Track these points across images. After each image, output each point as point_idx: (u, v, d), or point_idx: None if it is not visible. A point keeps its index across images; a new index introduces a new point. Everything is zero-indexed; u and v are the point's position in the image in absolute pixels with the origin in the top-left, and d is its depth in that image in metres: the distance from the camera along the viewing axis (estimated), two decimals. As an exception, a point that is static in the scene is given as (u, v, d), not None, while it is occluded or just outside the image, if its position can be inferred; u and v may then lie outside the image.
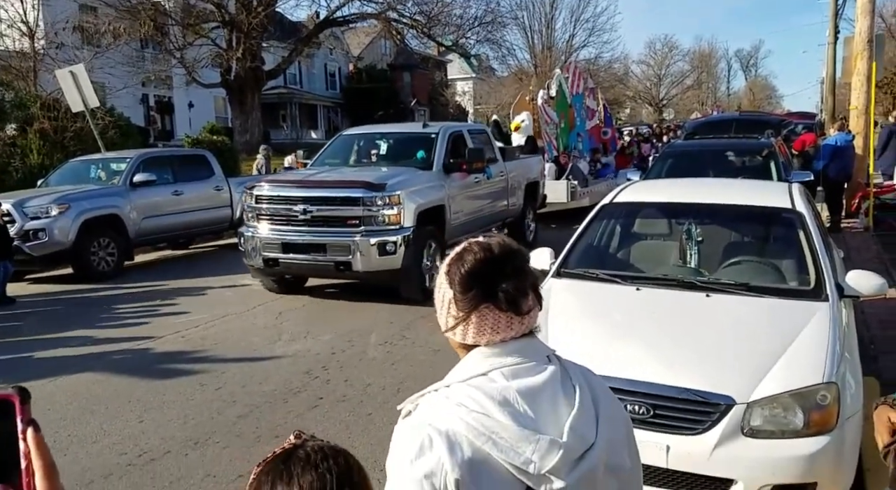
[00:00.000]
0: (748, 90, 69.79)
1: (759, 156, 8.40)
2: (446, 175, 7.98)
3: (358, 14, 20.55)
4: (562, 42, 38.50)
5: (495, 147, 9.75)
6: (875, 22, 11.25)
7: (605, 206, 4.66)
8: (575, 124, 15.45)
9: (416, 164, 7.96)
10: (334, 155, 9.00)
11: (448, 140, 8.31)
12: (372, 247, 6.83)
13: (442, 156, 8.05)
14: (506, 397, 1.18)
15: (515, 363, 1.22)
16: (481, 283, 1.23)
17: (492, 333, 1.23)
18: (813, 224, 4.01)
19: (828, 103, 23.95)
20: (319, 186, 7.29)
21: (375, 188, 6.91)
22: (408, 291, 7.17)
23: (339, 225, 7.01)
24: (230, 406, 4.68)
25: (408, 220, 7.01)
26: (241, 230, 7.59)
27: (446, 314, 1.27)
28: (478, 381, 1.20)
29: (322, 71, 38.67)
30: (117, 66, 17.72)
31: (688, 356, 3.12)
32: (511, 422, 1.15)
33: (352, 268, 6.91)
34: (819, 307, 3.43)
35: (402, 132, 9.31)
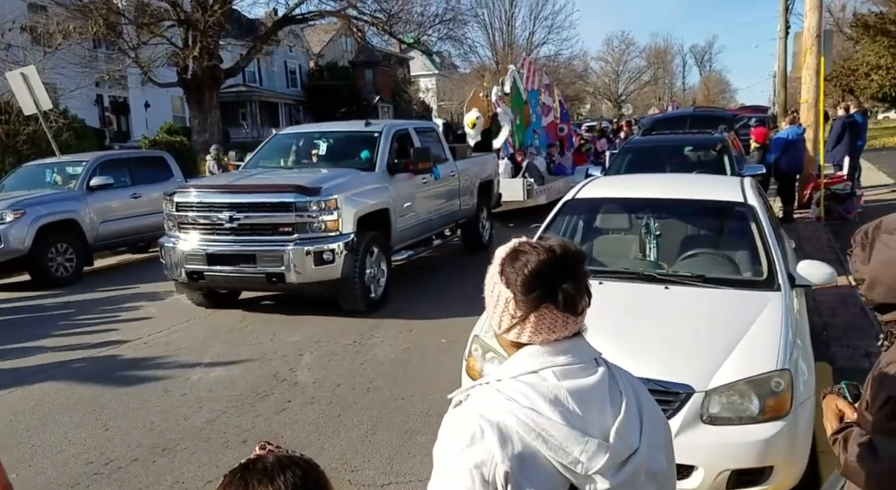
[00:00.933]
0: (703, 85, 71.32)
1: (713, 150, 8.63)
2: (391, 176, 7.46)
3: (317, 12, 20.38)
4: (522, 39, 38.87)
5: (445, 146, 9.32)
6: (823, 17, 11.61)
7: (567, 201, 4.75)
8: (531, 121, 15.30)
9: (359, 166, 7.46)
10: (269, 156, 8.42)
11: (392, 139, 7.84)
12: (307, 256, 6.31)
13: (386, 156, 7.56)
14: (557, 396, 1.21)
15: (566, 363, 1.25)
16: (544, 284, 1.25)
17: (548, 333, 1.26)
18: (764, 216, 4.16)
19: (780, 97, 24.64)
20: (247, 191, 6.69)
21: (309, 192, 6.38)
22: (349, 303, 6.71)
23: (270, 233, 6.48)
24: (197, 411, 4.65)
25: (347, 226, 6.51)
26: (162, 241, 6.97)
27: (501, 314, 1.29)
28: (529, 378, 1.24)
29: (282, 68, 38.21)
30: (69, 67, 17.25)
31: (649, 347, 3.22)
32: (561, 421, 1.19)
33: (285, 279, 6.37)
34: (772, 297, 3.57)
35: (343, 131, 8.77)
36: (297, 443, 4.07)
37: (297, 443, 4.07)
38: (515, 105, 14.30)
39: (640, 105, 55.22)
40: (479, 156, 10.90)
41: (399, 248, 7.80)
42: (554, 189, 12.97)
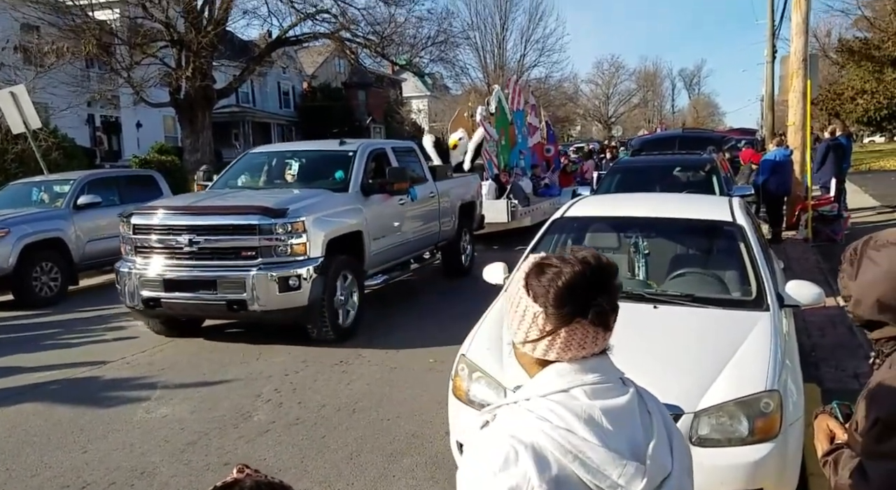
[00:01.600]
0: (692, 108, 72.22)
1: (702, 171, 8.68)
2: (365, 197, 7.12)
3: (311, 34, 20.48)
4: (513, 61, 39.27)
5: (424, 166, 9.04)
6: (809, 42, 11.78)
7: (556, 220, 4.74)
8: (516, 141, 15.09)
9: (332, 186, 7.13)
10: (239, 176, 8.03)
11: (367, 159, 7.52)
12: (271, 281, 5.93)
13: (360, 176, 7.23)
14: (591, 416, 1.16)
15: (596, 381, 1.20)
16: (577, 298, 1.19)
17: (577, 349, 1.21)
18: (753, 236, 4.15)
19: (767, 119, 24.91)
20: (208, 213, 6.30)
21: (275, 214, 6.02)
22: (318, 332, 6.33)
23: (232, 257, 6.09)
24: (178, 433, 4.55)
25: (315, 250, 6.15)
26: (118, 266, 6.57)
27: (527, 329, 1.22)
28: (559, 397, 1.18)
29: (275, 89, 38.36)
30: (61, 86, 17.23)
31: (637, 367, 3.14)
32: (598, 442, 1.14)
33: (247, 306, 5.96)
34: (761, 317, 3.55)
35: (316, 150, 8.48)
36: (281, 465, 3.98)
37: (280, 465, 3.98)
38: (500, 125, 14.15)
39: (630, 127, 55.82)
40: (460, 176, 10.71)
41: (374, 272, 7.42)
42: (539, 211, 12.84)
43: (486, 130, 13.28)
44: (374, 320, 7.22)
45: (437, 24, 22.13)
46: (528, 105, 16.57)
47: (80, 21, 16.51)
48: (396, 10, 20.20)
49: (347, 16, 19.39)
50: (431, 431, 4.40)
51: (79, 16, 16.55)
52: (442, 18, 23.02)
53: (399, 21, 20.45)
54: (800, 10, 11.49)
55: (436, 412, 4.58)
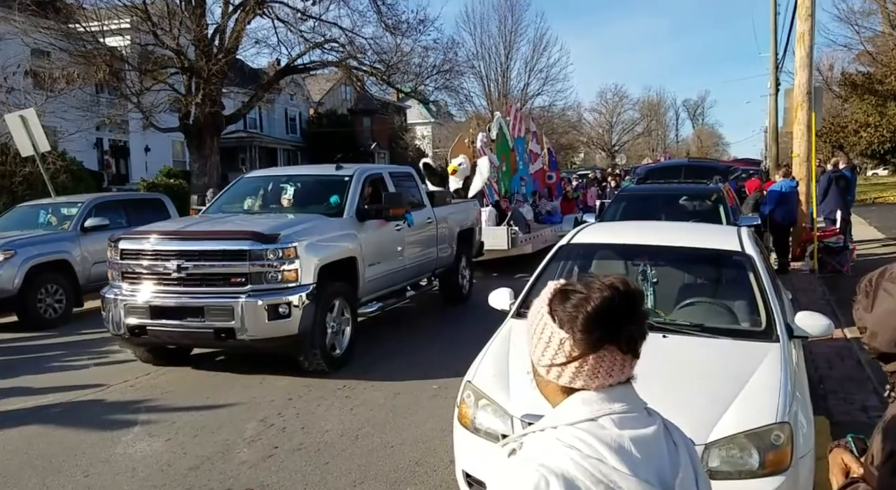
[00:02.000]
0: (696, 137, 72.65)
1: (709, 200, 8.69)
2: (360, 223, 6.97)
3: (319, 62, 20.75)
4: (517, 90, 39.62)
5: (422, 191, 8.92)
6: (813, 75, 11.89)
7: (562, 246, 4.74)
8: (517, 168, 14.98)
9: (326, 211, 6.99)
10: (233, 200, 7.87)
11: (363, 184, 7.38)
12: (260, 309, 5.72)
13: (355, 201, 7.08)
14: (621, 445, 1.14)
15: (622, 411, 1.18)
16: (607, 324, 1.18)
17: (605, 377, 1.19)
18: (762, 266, 4.14)
19: (772, 151, 25.03)
20: (197, 238, 6.11)
21: (265, 239, 5.85)
22: (309, 362, 6.14)
23: (221, 284, 5.90)
24: (181, 457, 4.50)
25: (307, 276, 5.97)
26: (103, 292, 6.38)
27: (553, 354, 1.20)
28: (587, 425, 1.16)
29: (283, 115, 38.77)
30: (70, 111, 17.43)
31: (646, 397, 3.14)
32: (629, 471, 1.12)
33: (235, 335, 5.74)
34: (770, 348, 3.52)
35: (311, 175, 8.44)
36: (283, 493, 3.93)
37: (282, 493, 3.93)
38: (502, 152, 14.08)
39: (633, 155, 56.07)
40: (459, 202, 10.57)
41: (368, 299, 7.23)
42: (540, 238, 12.70)
43: (487, 157, 13.19)
44: (374, 346, 7.19)
45: (442, 53, 22.40)
46: (530, 132, 16.54)
47: (91, 47, 16.75)
48: (403, 40, 20.49)
49: (355, 45, 19.67)
50: (435, 459, 4.35)
51: (90, 42, 16.80)
52: (447, 48, 23.27)
53: (405, 50, 20.74)
54: (804, 45, 11.62)
55: (440, 439, 4.54)
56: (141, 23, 16.87)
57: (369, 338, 7.34)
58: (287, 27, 18.95)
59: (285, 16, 18.80)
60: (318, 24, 19.33)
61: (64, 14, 16.61)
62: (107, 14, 17.32)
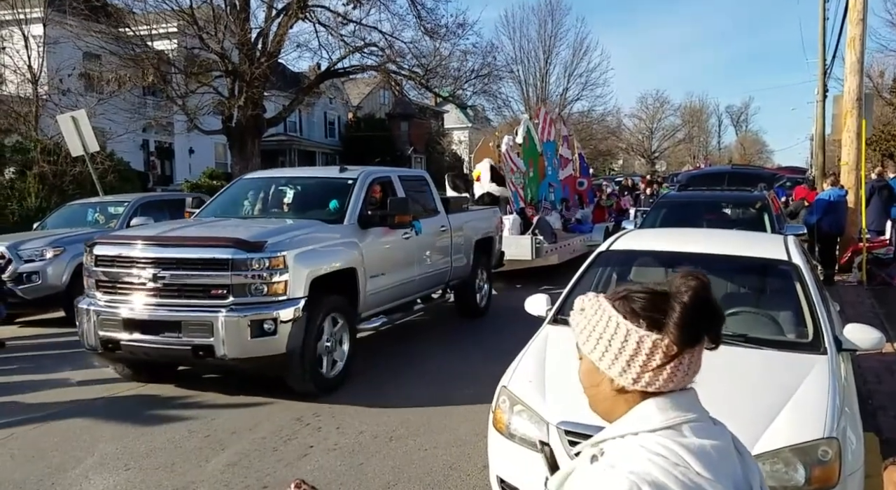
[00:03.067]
0: (739, 145, 71.17)
1: (753, 208, 8.49)
2: (362, 230, 6.41)
3: (359, 66, 20.97)
4: (556, 95, 39.43)
5: (436, 197, 8.23)
6: (863, 81, 11.55)
7: (601, 253, 4.68)
8: (546, 174, 14.31)
9: (326, 217, 6.47)
10: (227, 204, 7.30)
11: (368, 188, 6.80)
12: (242, 325, 5.19)
13: (358, 206, 6.51)
14: (705, 452, 1.13)
15: (697, 418, 1.17)
16: (704, 315, 1.17)
17: (692, 375, 1.19)
18: (810, 276, 4.02)
19: (818, 159, 24.36)
20: (175, 245, 5.58)
21: (250, 247, 5.32)
22: (298, 383, 5.56)
23: (200, 296, 5.38)
24: (218, 454, 4.58)
25: (297, 289, 5.42)
26: (77, 302, 5.98)
27: (645, 361, 1.17)
28: (670, 432, 1.15)
29: (322, 119, 39.30)
30: (119, 112, 17.96)
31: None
32: (714, 478, 1.11)
33: (214, 353, 5.23)
34: (818, 360, 3.42)
35: (312, 177, 7.90)
36: None
37: None
38: (529, 156, 13.44)
39: (674, 162, 55.26)
40: (478, 209, 9.91)
41: (370, 314, 6.64)
42: (568, 248, 12.07)
43: (511, 161, 12.51)
44: (402, 352, 7.19)
45: (481, 57, 22.42)
46: (560, 136, 15.86)
47: (139, 50, 17.23)
48: (442, 44, 20.58)
49: (394, 49, 19.82)
50: (469, 464, 4.33)
51: (139, 45, 17.29)
52: (486, 52, 23.27)
53: (444, 54, 20.81)
54: (854, 50, 11.30)
55: (474, 444, 4.52)
56: (187, 27, 17.31)
57: (398, 341, 7.34)
58: (328, 31, 19.21)
59: (326, 20, 19.07)
60: (358, 29, 19.57)
61: (115, 18, 17.14)
62: (155, 18, 17.82)
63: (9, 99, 16.78)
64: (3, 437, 4.87)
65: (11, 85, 17.17)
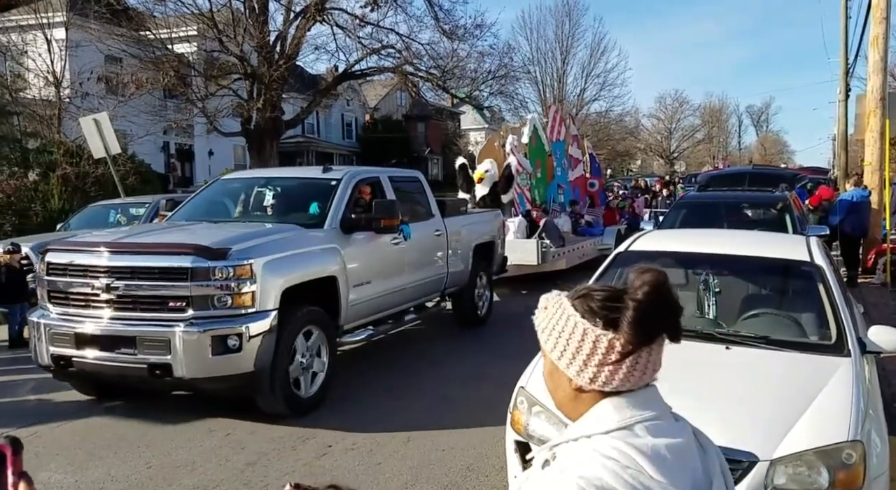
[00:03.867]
0: (759, 145, 70.43)
1: (774, 209, 8.40)
2: (345, 235, 5.91)
3: (376, 68, 21.06)
4: (573, 95, 39.32)
5: (430, 199, 7.68)
6: (886, 80, 11.38)
7: (620, 253, 4.65)
8: (555, 174, 13.84)
9: (307, 221, 5.99)
10: (201, 207, 6.75)
11: (353, 190, 6.32)
12: (202, 341, 4.70)
13: (340, 210, 6.02)
14: (658, 453, 1.10)
15: (654, 417, 1.14)
16: (659, 313, 1.15)
17: (651, 373, 1.16)
18: (833, 278, 3.97)
19: (840, 159, 24.04)
20: (131, 252, 5.07)
21: (213, 255, 4.81)
22: (269, 404, 5.10)
23: (158, 308, 4.87)
24: (238, 453, 4.62)
25: (267, 301, 4.93)
26: (28, 314, 5.71)
27: (601, 360, 1.15)
28: (623, 434, 1.12)
29: (339, 121, 39.54)
30: (140, 115, 18.19)
31: (708, 410, 3.04)
32: (667, 481, 1.09)
33: (172, 372, 4.73)
34: (841, 363, 3.37)
35: (293, 178, 7.32)
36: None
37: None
38: (537, 156, 12.93)
39: (693, 162, 54.81)
40: (478, 212, 9.43)
41: (353, 326, 6.14)
42: (577, 252, 11.59)
43: (517, 161, 11.92)
44: (413, 354, 7.19)
45: (498, 58, 22.40)
46: (570, 135, 15.23)
47: (160, 53, 17.44)
48: (459, 45, 20.60)
49: (411, 50, 19.88)
50: (487, 465, 4.33)
51: (159, 48, 17.50)
52: (503, 53, 23.27)
53: (461, 56, 20.82)
54: (878, 48, 11.14)
55: (491, 445, 4.51)
56: (207, 30, 17.48)
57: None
58: (346, 34, 19.31)
59: (344, 22, 19.17)
60: (375, 31, 19.64)
61: (136, 22, 17.37)
62: (175, 22, 18.03)
63: (32, 102, 17.07)
64: (28, 435, 4.95)
65: (35, 88, 17.46)
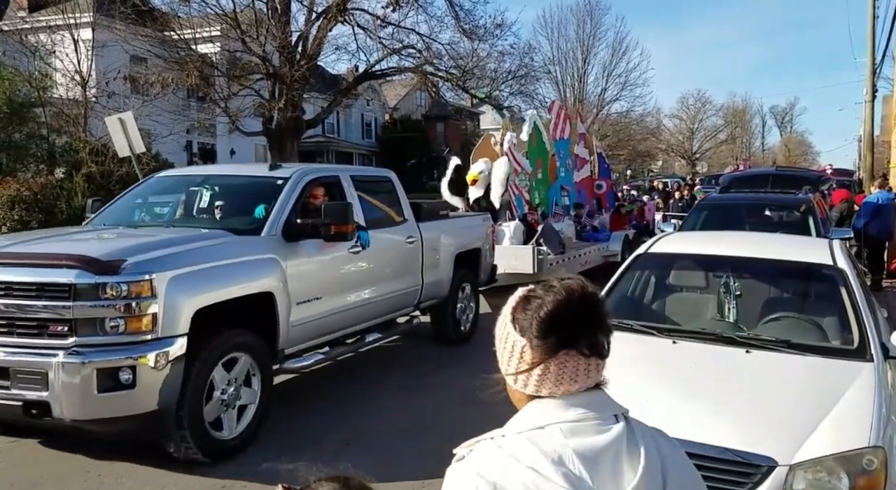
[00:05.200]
0: (783, 146, 69.50)
1: (797, 211, 8.29)
2: (288, 243, 5.00)
3: (396, 68, 21.16)
4: (594, 95, 39.12)
5: (403, 202, 6.78)
6: (914, 80, 11.20)
7: (639, 255, 4.63)
8: (558, 175, 12.94)
9: (246, 226, 5.13)
10: (125, 209, 5.95)
11: (302, 191, 5.39)
12: (86, 374, 3.82)
13: (284, 214, 5.11)
14: (561, 456, 1.12)
15: (577, 419, 1.15)
16: (562, 328, 1.16)
17: (570, 382, 1.17)
18: (856, 282, 3.92)
19: (866, 161, 23.66)
20: (6, 264, 4.20)
21: (102, 268, 3.95)
22: (179, 449, 4.23)
23: (35, 333, 4.01)
24: (255, 450, 4.66)
25: (174, 324, 4.06)
26: None
27: (517, 364, 1.19)
28: (534, 434, 1.15)
29: (359, 120, 39.76)
30: (164, 114, 18.44)
31: (727, 414, 3.03)
32: (564, 483, 1.09)
33: (51, 411, 3.87)
34: (863, 367, 3.33)
35: (233, 176, 6.36)
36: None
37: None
38: (538, 156, 12.03)
39: (715, 163, 54.21)
40: (462, 216, 8.70)
41: (296, 351, 5.18)
42: (580, 259, 10.61)
43: (514, 160, 10.96)
44: (440, 355, 7.19)
45: (518, 58, 22.39)
46: (577, 133, 14.30)
47: (183, 54, 17.67)
48: (479, 45, 20.62)
49: (432, 50, 19.94)
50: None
51: (183, 49, 17.74)
52: (523, 53, 23.25)
53: (481, 55, 20.84)
54: (905, 47, 10.95)
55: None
56: (230, 30, 17.69)
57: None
58: (366, 34, 19.42)
59: (365, 23, 19.28)
60: (396, 31, 19.72)
61: (160, 22, 17.63)
62: (199, 22, 18.28)
63: (59, 101, 17.37)
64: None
65: (62, 88, 17.77)
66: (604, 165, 16.24)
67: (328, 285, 5.40)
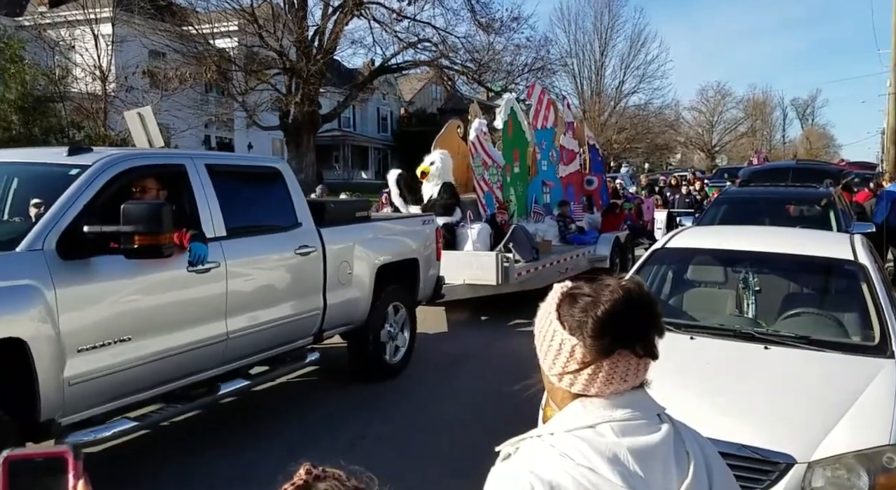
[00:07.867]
0: (804, 139, 68.53)
1: (818, 205, 8.17)
2: (67, 261, 3.45)
3: (412, 61, 21.16)
4: (611, 88, 38.84)
5: (297, 201, 5.18)
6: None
7: (656, 250, 4.59)
8: (538, 169, 11.18)
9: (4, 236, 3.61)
10: None
11: (106, 184, 3.78)
12: None
13: (64, 219, 3.54)
14: (616, 455, 1.11)
15: (626, 418, 1.14)
16: (619, 328, 1.14)
17: (620, 382, 1.16)
18: (877, 277, 3.86)
19: (889, 153, 23.29)
20: None
21: None
22: None
23: None
24: (272, 443, 4.71)
25: None
26: None
27: (564, 363, 1.17)
28: (585, 433, 1.13)
29: (375, 115, 39.81)
30: (182, 109, 18.62)
31: (745, 410, 3.01)
32: (620, 482, 1.08)
33: None
34: (884, 364, 3.29)
35: (15, 163, 4.44)
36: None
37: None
38: (514, 147, 10.36)
39: (735, 156, 53.63)
40: (390, 218, 7.10)
41: (80, 418, 3.57)
42: (556, 267, 8.88)
43: (484, 152, 9.44)
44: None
45: (534, 51, 22.30)
46: (564, 122, 12.38)
47: (202, 49, 17.80)
48: (496, 39, 20.55)
49: (448, 44, 19.92)
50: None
51: (201, 44, 17.87)
52: (540, 46, 23.14)
53: (497, 49, 20.79)
54: (930, 37, 10.72)
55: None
56: (248, 25, 17.79)
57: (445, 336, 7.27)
58: (382, 28, 19.45)
59: (381, 16, 19.31)
60: (412, 24, 19.72)
61: (179, 17, 17.78)
62: (217, 17, 18.39)
63: (79, 96, 17.58)
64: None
65: (82, 82, 17.98)
66: (597, 159, 14.26)
67: (146, 320, 3.85)
